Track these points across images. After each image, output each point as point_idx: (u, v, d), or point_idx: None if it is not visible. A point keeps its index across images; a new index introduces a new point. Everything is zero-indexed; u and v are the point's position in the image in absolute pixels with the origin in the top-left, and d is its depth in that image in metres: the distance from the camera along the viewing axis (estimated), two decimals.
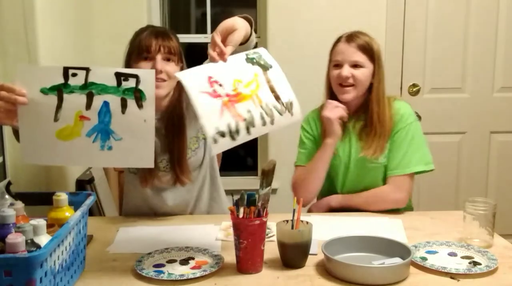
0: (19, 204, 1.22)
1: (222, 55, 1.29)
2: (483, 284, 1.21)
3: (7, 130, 2.02)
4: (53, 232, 1.10)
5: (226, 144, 1.22)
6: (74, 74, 1.22)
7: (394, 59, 3.03)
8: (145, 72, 1.28)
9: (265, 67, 1.37)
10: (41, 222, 1.10)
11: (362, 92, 1.76)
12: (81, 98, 1.22)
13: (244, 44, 1.39)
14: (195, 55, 3.94)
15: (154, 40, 1.60)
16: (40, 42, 2.00)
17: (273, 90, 1.35)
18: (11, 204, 1.22)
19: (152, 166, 1.31)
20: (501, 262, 1.30)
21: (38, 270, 0.96)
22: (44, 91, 1.22)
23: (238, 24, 1.33)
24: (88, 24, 2.78)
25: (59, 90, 1.22)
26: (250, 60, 1.36)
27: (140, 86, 1.24)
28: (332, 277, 1.24)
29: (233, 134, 1.23)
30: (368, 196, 1.75)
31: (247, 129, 1.26)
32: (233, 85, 1.29)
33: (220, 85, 1.27)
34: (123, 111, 1.24)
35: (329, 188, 1.85)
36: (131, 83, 1.23)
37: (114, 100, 1.23)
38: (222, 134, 1.22)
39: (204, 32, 3.22)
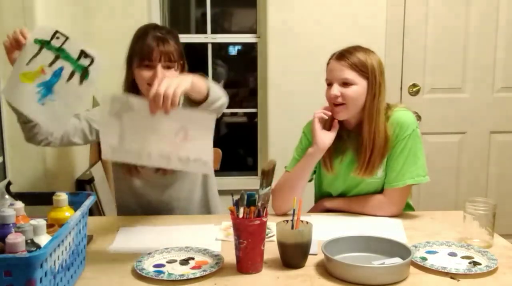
0: (19, 204, 1.22)
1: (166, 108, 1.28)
2: (483, 284, 1.21)
3: (7, 131, 2.02)
4: (53, 232, 1.11)
5: None
6: (57, 37, 1.42)
7: (394, 59, 3.03)
8: (100, 58, 1.40)
9: None
10: (41, 222, 1.10)
11: (356, 111, 1.68)
12: (50, 57, 1.41)
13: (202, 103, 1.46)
14: (195, 56, 3.94)
15: (156, 48, 1.65)
16: None
17: None
18: (11, 204, 1.22)
19: (58, 134, 1.52)
20: (501, 262, 1.30)
21: (38, 270, 0.96)
22: (35, 41, 1.42)
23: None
24: (88, 24, 2.78)
25: (42, 44, 1.42)
26: None
27: (90, 67, 1.39)
28: (332, 277, 1.24)
29: None
30: (363, 205, 1.72)
31: None
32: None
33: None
34: (67, 80, 1.40)
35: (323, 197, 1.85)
36: (86, 62, 1.39)
37: (67, 69, 1.40)
38: None
39: (204, 32, 3.22)
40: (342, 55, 1.68)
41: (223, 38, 3.28)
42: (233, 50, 4.00)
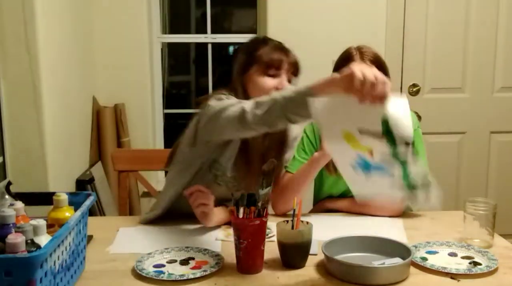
0: (19, 204, 1.22)
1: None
2: (483, 284, 1.21)
3: (7, 131, 2.03)
4: (53, 232, 1.10)
5: None
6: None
7: (394, 59, 3.03)
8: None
9: None
10: (41, 222, 1.10)
11: None
12: (388, 158, 1.15)
13: None
14: (195, 56, 3.94)
15: (285, 58, 1.62)
16: (40, 42, 2.00)
17: None
18: (11, 204, 1.22)
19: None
20: (501, 262, 1.30)
21: (38, 270, 0.96)
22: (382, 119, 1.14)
23: None
24: (88, 24, 2.78)
25: (389, 137, 1.14)
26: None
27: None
28: (332, 277, 1.24)
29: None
30: (364, 205, 1.70)
31: None
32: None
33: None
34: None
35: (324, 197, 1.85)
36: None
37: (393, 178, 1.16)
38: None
39: (204, 32, 3.22)
40: (363, 53, 1.66)
41: (223, 38, 3.28)
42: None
